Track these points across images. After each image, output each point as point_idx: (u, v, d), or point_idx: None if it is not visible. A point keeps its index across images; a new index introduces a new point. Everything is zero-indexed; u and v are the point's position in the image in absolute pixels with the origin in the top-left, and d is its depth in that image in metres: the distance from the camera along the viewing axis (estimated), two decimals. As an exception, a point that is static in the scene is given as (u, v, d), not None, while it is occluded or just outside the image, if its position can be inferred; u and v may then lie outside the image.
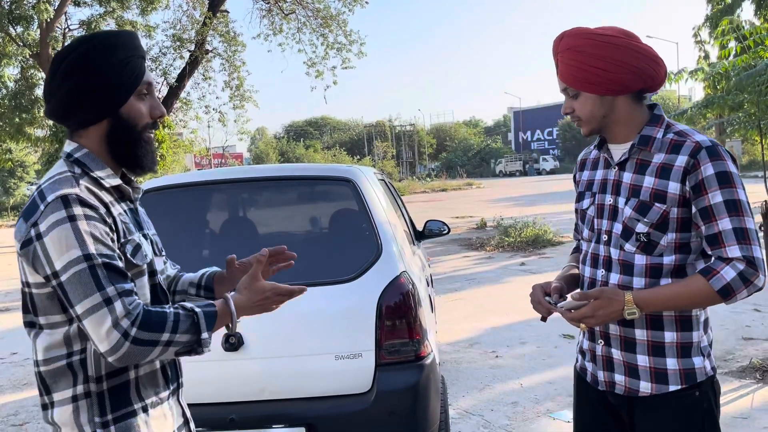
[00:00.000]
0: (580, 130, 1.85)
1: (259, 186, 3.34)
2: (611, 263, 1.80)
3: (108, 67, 1.46)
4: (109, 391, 1.45)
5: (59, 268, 1.34)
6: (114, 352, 1.33)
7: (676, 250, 1.72)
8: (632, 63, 1.72)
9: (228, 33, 18.45)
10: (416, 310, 2.70)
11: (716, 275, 1.63)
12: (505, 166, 59.69)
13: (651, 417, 1.78)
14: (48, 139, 17.26)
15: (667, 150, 1.73)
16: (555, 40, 1.83)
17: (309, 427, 2.60)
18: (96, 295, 1.33)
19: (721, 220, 1.65)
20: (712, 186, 1.65)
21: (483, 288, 8.57)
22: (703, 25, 21.46)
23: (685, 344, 1.74)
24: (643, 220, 1.73)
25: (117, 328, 1.32)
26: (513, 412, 4.23)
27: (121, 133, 1.51)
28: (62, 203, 1.36)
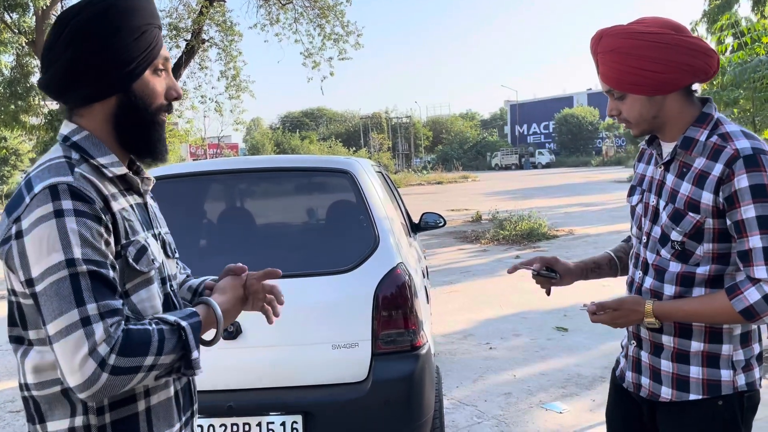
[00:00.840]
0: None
1: (257, 177, 3.36)
2: (647, 267, 1.75)
3: (121, 34, 1.23)
4: (113, 425, 1.22)
5: (36, 275, 1.12)
6: (87, 387, 1.09)
7: (714, 261, 1.64)
8: (683, 60, 1.60)
9: (225, 22, 18.38)
10: (412, 301, 2.74)
11: (739, 296, 1.55)
12: (501, 159, 59.72)
13: (671, 422, 1.74)
14: (43, 127, 17.19)
15: (708, 155, 1.61)
16: (593, 38, 1.72)
17: (306, 415, 2.64)
18: (73, 312, 1.09)
19: (753, 236, 1.54)
20: (746, 199, 1.54)
21: (478, 280, 8.62)
22: (701, 21, 21.47)
23: (712, 355, 1.67)
24: (676, 229, 1.65)
25: (93, 356, 1.08)
26: (506, 402, 4.28)
27: (132, 112, 1.28)
28: (50, 195, 1.14)
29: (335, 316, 2.73)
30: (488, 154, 63.46)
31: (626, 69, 1.63)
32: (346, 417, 2.65)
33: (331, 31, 18.50)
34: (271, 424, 2.65)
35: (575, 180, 32.48)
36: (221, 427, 2.66)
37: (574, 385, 4.55)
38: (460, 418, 4.04)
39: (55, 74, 1.25)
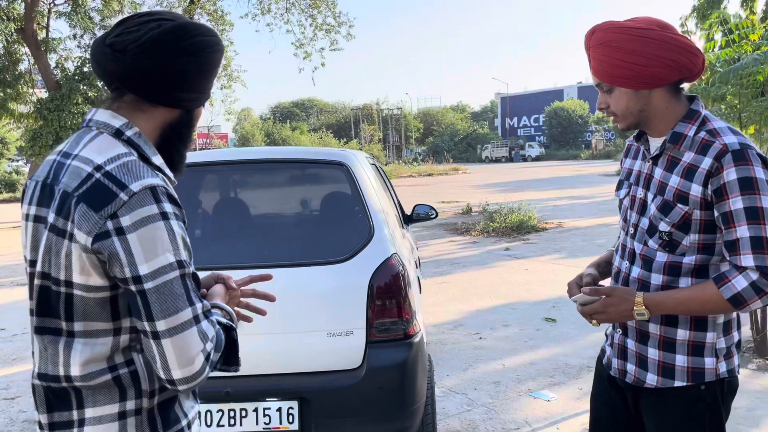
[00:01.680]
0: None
1: (253, 168, 3.41)
2: (635, 257, 1.81)
3: (214, 70, 1.40)
4: (159, 406, 1.30)
5: (145, 272, 1.16)
6: (193, 379, 1.20)
7: (699, 251, 1.70)
8: (667, 56, 1.67)
9: (215, 12, 18.32)
10: (406, 291, 2.80)
11: (727, 284, 1.61)
12: (492, 151, 59.87)
13: (656, 407, 1.81)
14: (32, 115, 17.09)
15: (697, 150, 1.68)
16: (586, 34, 1.79)
17: (301, 401, 2.70)
18: (187, 311, 1.19)
19: (740, 227, 1.60)
20: (734, 191, 1.60)
21: (468, 272, 8.71)
22: (690, 15, 21.59)
23: (697, 343, 1.73)
24: (665, 220, 1.71)
25: (203, 352, 1.20)
26: (495, 390, 4.37)
27: (184, 129, 1.39)
28: (152, 196, 1.19)
29: (331, 305, 2.80)
30: (479, 146, 63.58)
31: (614, 62, 1.70)
32: (340, 403, 2.72)
33: (323, 21, 18.50)
34: (268, 409, 2.71)
35: (564, 173, 32.67)
36: (218, 412, 2.72)
37: (562, 374, 4.65)
38: (450, 406, 4.13)
39: (154, 66, 1.27)
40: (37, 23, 16.63)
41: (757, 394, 4.13)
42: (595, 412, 2.03)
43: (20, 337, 6.29)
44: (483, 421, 3.88)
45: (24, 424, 4.15)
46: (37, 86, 18.68)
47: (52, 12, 17.39)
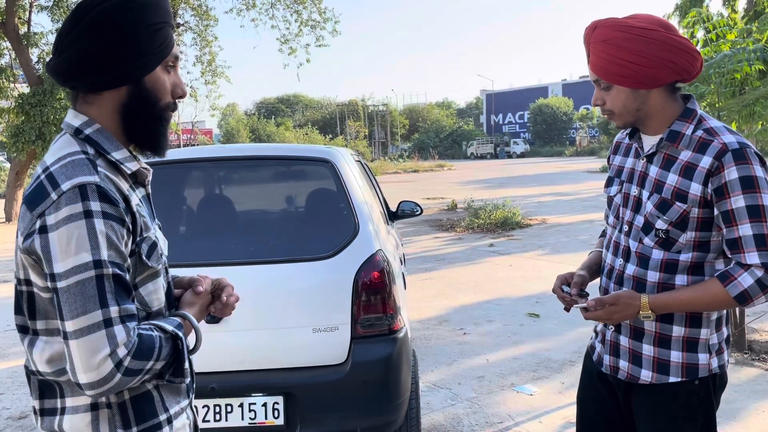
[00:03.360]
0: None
1: (239, 165, 3.42)
2: (630, 254, 1.81)
3: (140, 27, 1.27)
4: (132, 400, 1.29)
5: (60, 270, 1.15)
6: (99, 385, 1.16)
7: (695, 248, 1.72)
8: (668, 58, 1.68)
9: (200, 7, 18.20)
10: (391, 287, 2.84)
11: (733, 282, 1.63)
12: (477, 148, 60.04)
13: (649, 402, 1.82)
14: (13, 110, 16.89)
15: (695, 148, 1.69)
16: (587, 29, 1.78)
17: (287, 396, 2.73)
18: (97, 312, 1.15)
19: (742, 225, 1.62)
20: (735, 190, 1.62)
21: (452, 268, 8.76)
22: (673, 14, 21.75)
23: (691, 339, 1.75)
24: (662, 218, 1.72)
25: (112, 357, 1.15)
26: (479, 385, 4.42)
27: (142, 104, 1.31)
28: (80, 194, 1.17)
29: (316, 301, 2.82)
30: (464, 143, 63.73)
31: (614, 60, 1.70)
32: (326, 397, 2.74)
33: (308, 17, 18.44)
34: (253, 404, 2.73)
35: (549, 170, 32.87)
36: (204, 408, 2.74)
37: (545, 368, 4.71)
38: (434, 400, 4.17)
39: (70, 59, 1.26)
40: (19, 17, 16.43)
41: (735, 387, 4.21)
42: (583, 409, 2.03)
43: (2, 334, 6.24)
44: (467, 415, 3.93)
45: (7, 421, 4.13)
46: (19, 81, 18.46)
47: (34, 6, 17.20)
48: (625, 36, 1.68)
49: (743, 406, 3.94)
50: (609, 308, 1.72)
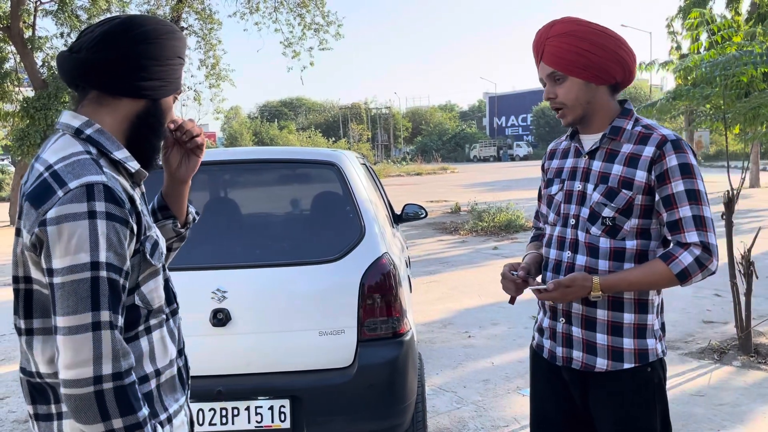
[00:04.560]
0: (558, 118, 1.91)
1: (244, 168, 3.42)
2: (578, 246, 1.90)
3: (174, 56, 1.39)
4: None
5: (57, 267, 1.16)
6: (73, 386, 1.15)
7: (638, 236, 1.84)
8: (619, 54, 1.83)
9: (204, 11, 18.24)
10: (397, 290, 2.83)
11: (675, 260, 1.76)
12: (480, 151, 60.02)
13: (606, 391, 1.89)
14: (18, 114, 16.93)
15: (636, 141, 1.84)
16: (543, 27, 1.89)
17: (293, 399, 2.72)
18: (86, 314, 1.15)
19: (682, 207, 1.77)
20: (676, 176, 1.78)
21: (457, 271, 8.76)
22: (677, 16, 21.77)
23: (641, 326, 1.87)
24: (610, 205, 1.83)
25: (95, 367, 1.15)
26: (485, 388, 4.41)
27: (153, 120, 1.39)
28: (86, 194, 1.18)
29: (322, 304, 2.82)
30: (467, 145, 63.73)
31: (574, 49, 1.82)
32: (332, 401, 2.74)
33: (312, 20, 18.46)
34: (260, 408, 2.73)
35: (552, 172, 32.74)
36: (210, 411, 2.74)
37: (550, 371, 4.69)
38: (440, 404, 4.16)
39: (109, 57, 1.30)
40: (24, 21, 16.48)
41: (742, 391, 4.20)
42: (541, 407, 2.08)
43: (8, 337, 6.26)
44: (472, 419, 3.92)
45: (14, 424, 4.14)
46: (24, 85, 18.51)
47: (39, 10, 17.24)
48: (584, 29, 1.83)
49: (750, 409, 3.92)
50: (564, 289, 1.82)
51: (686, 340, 5.35)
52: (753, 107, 4.90)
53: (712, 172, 28.20)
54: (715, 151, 38.41)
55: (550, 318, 2.00)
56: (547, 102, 1.93)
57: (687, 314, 6.15)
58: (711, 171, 29.42)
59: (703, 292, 6.95)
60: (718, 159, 35.22)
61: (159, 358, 1.37)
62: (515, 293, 2.01)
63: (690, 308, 6.36)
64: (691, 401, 4.06)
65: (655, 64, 6.13)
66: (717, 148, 38.36)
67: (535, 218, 2.28)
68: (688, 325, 5.81)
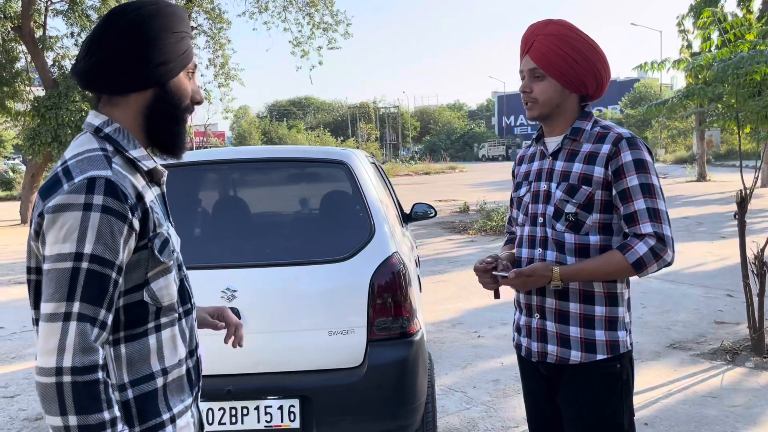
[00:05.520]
0: (526, 109, 2.00)
1: (254, 167, 3.41)
2: (547, 242, 1.98)
3: (168, 35, 1.34)
4: (135, 400, 1.30)
5: (47, 254, 1.19)
6: (39, 373, 1.17)
7: (600, 231, 1.92)
8: (598, 69, 1.94)
9: (213, 10, 18.29)
10: (406, 289, 2.82)
11: (631, 250, 1.83)
12: (489, 150, 59.90)
13: (577, 386, 1.96)
14: (29, 113, 17.05)
15: (594, 140, 1.94)
16: (539, 23, 1.97)
17: (303, 399, 2.72)
18: (61, 304, 1.16)
19: (637, 200, 1.85)
20: (630, 171, 1.87)
21: (466, 270, 8.72)
22: (687, 15, 21.63)
23: (612, 318, 1.94)
24: (571, 201, 1.92)
25: (57, 357, 1.15)
26: (494, 389, 4.39)
27: (166, 107, 1.37)
28: (86, 186, 1.20)
29: (332, 304, 2.81)
30: (475, 145, 63.61)
31: (561, 54, 1.89)
32: (341, 401, 2.73)
33: (320, 19, 18.47)
34: (269, 407, 2.72)
35: (562, 172, 32.60)
36: (220, 410, 2.74)
37: (560, 372, 4.67)
38: (449, 404, 4.14)
39: (101, 61, 1.31)
40: (34, 21, 16.59)
41: (755, 392, 4.16)
42: (535, 403, 2.15)
43: (19, 335, 6.29)
44: (482, 419, 3.90)
45: (24, 422, 4.16)
46: (34, 84, 18.63)
47: (50, 10, 17.35)
48: (576, 38, 1.91)
49: (763, 411, 3.88)
50: (525, 278, 1.90)
51: (698, 341, 5.30)
52: (766, 106, 4.85)
53: (722, 171, 28.07)
54: (725, 150, 38.12)
55: (526, 315, 2.07)
56: (522, 93, 1.99)
57: (699, 315, 6.10)
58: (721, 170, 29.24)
59: (715, 292, 6.90)
60: (728, 158, 34.97)
61: (168, 357, 1.36)
62: (493, 285, 2.02)
63: (702, 308, 6.31)
64: (704, 403, 4.02)
65: (667, 63, 6.09)
66: (727, 147, 38.06)
67: (508, 223, 2.38)
68: (700, 325, 5.76)
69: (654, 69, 5.63)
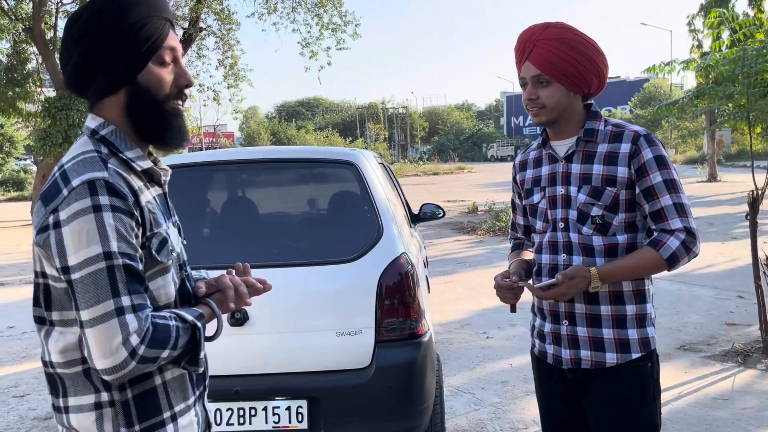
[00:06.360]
0: (532, 116, 1.95)
1: (262, 168, 3.41)
2: (572, 247, 1.94)
3: (123, 28, 1.29)
4: (134, 399, 1.31)
5: (73, 263, 1.19)
6: (115, 371, 1.20)
7: (626, 229, 1.92)
8: (600, 68, 1.92)
9: (222, 11, 18.33)
10: (415, 290, 2.81)
11: (664, 245, 1.84)
12: (497, 150, 59.76)
13: (611, 387, 1.92)
14: (40, 114, 17.17)
15: (610, 140, 1.92)
16: (536, 27, 1.93)
17: (310, 400, 2.71)
18: (109, 302, 1.18)
19: (663, 197, 1.86)
20: (653, 168, 1.87)
21: (474, 271, 8.70)
22: (698, 14, 21.50)
23: (642, 315, 1.93)
24: (597, 204, 1.90)
25: (126, 346, 1.18)
26: (503, 390, 4.37)
27: (141, 103, 1.34)
28: (88, 189, 1.21)
29: (340, 304, 2.80)
30: (484, 145, 63.47)
31: (565, 58, 1.87)
32: (349, 402, 2.72)
33: (329, 20, 18.46)
34: (277, 408, 2.72)
35: (571, 172, 32.47)
36: (228, 411, 2.74)
37: (569, 373, 4.64)
38: (458, 405, 4.13)
39: (70, 72, 1.34)
40: (45, 23, 16.69)
41: (767, 395, 4.12)
42: (552, 408, 2.13)
43: (29, 335, 6.33)
44: (491, 421, 3.89)
45: (33, 421, 4.18)
46: (45, 85, 18.76)
47: (60, 12, 17.46)
48: (578, 39, 1.89)
49: (775, 414, 3.84)
50: (568, 282, 1.85)
51: (709, 343, 5.26)
52: (778, 105, 4.80)
53: (733, 171, 27.84)
54: (736, 151, 37.85)
55: (552, 322, 2.01)
56: (527, 101, 1.94)
57: (710, 316, 6.06)
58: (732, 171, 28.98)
59: (726, 294, 6.85)
60: (739, 158, 34.71)
61: None
62: (514, 300, 2.03)
63: (712, 310, 6.26)
64: (715, 405, 3.98)
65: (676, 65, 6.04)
66: (738, 147, 37.79)
67: (511, 229, 2.36)
68: (711, 327, 5.72)
69: (663, 71, 5.59)
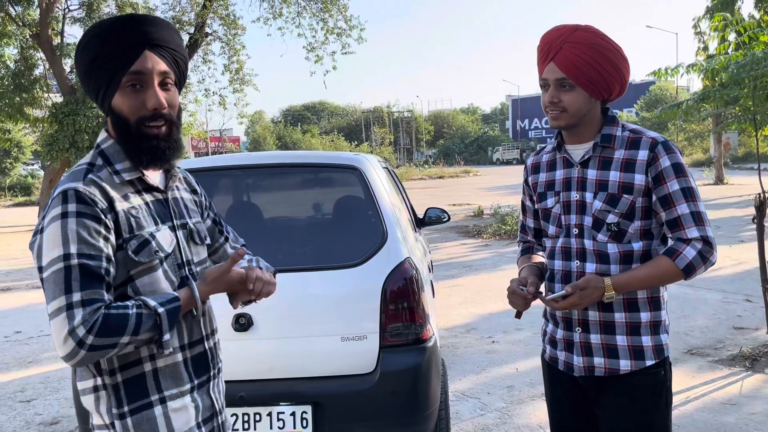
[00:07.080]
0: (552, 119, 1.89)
1: (267, 173, 3.42)
2: (585, 254, 1.92)
3: (85, 64, 1.47)
4: (124, 383, 1.45)
5: (44, 263, 1.35)
6: (69, 358, 1.33)
7: (642, 237, 1.89)
8: (624, 74, 1.89)
9: (228, 16, 18.38)
10: (419, 295, 2.80)
11: (680, 255, 1.82)
12: (503, 154, 59.67)
13: (624, 394, 1.90)
14: (47, 119, 17.24)
15: (627, 146, 1.89)
16: (564, 28, 1.87)
17: (315, 405, 2.71)
18: (61, 298, 1.32)
19: (680, 205, 1.83)
20: (670, 176, 1.84)
21: (480, 275, 8.69)
22: (704, 17, 21.44)
23: (656, 323, 1.91)
24: (613, 211, 1.88)
25: (72, 336, 1.30)
26: (509, 395, 4.36)
27: (118, 126, 1.49)
28: (62, 198, 1.37)
29: (344, 309, 2.80)
30: (489, 148, 63.40)
31: (592, 63, 1.83)
32: (354, 407, 2.72)
33: (334, 25, 18.49)
34: (282, 413, 2.72)
35: (577, 175, 32.40)
36: (233, 416, 2.73)
37: (576, 378, 4.62)
38: (463, 410, 4.12)
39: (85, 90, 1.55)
40: (52, 29, 16.78)
41: (774, 399, 4.09)
42: (562, 415, 2.10)
43: (36, 339, 6.35)
44: (496, 426, 3.87)
45: (39, 426, 4.19)
46: (52, 91, 18.85)
47: (67, 18, 17.56)
48: (606, 46, 1.85)
49: (784, 418, 3.81)
50: (580, 293, 1.82)
51: (716, 347, 5.23)
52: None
53: (740, 174, 27.72)
54: (743, 153, 37.68)
55: (565, 329, 1.99)
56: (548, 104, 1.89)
57: (717, 320, 6.02)
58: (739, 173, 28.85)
59: (733, 297, 6.81)
60: (746, 161, 34.57)
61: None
62: (523, 308, 2.00)
63: (720, 314, 6.22)
64: (722, 410, 3.96)
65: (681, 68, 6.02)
66: (745, 150, 37.63)
67: (521, 231, 2.34)
68: (718, 331, 5.68)
69: (668, 75, 5.58)
